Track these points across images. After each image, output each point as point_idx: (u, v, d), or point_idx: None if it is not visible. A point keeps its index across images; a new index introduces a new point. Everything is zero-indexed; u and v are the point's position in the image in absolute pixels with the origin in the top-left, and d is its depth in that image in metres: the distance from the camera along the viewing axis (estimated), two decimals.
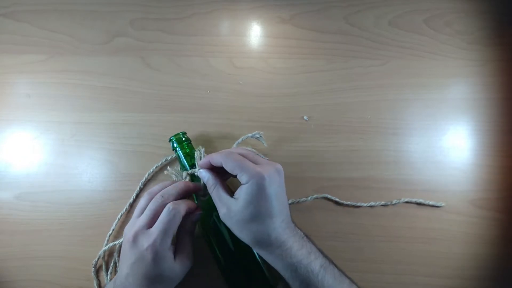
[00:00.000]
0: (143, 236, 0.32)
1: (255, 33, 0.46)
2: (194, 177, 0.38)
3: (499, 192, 0.42)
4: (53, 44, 0.45)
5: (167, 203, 0.33)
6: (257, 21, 0.46)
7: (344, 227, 0.42)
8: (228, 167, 0.32)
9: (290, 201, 0.41)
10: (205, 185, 0.35)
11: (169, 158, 0.42)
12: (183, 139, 0.39)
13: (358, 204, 0.42)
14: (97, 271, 0.41)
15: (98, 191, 0.43)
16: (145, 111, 0.44)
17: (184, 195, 0.35)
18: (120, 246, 0.40)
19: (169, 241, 0.32)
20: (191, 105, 0.44)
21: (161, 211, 0.33)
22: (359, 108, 0.44)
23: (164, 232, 0.32)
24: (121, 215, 0.41)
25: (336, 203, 0.42)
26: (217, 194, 0.33)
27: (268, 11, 0.46)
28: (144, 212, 0.34)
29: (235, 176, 0.32)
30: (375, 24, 0.45)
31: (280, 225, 0.32)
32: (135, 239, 0.32)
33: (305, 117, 0.44)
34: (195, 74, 0.45)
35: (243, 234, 0.32)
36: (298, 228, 0.35)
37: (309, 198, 0.42)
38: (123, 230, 0.38)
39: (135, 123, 0.44)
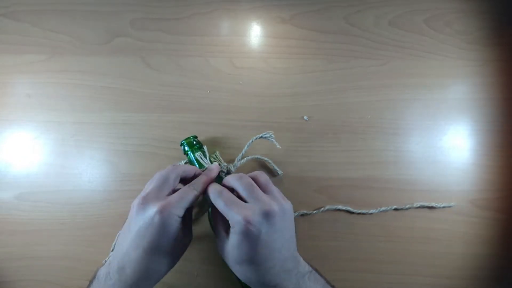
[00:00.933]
0: (156, 198, 0.30)
1: (255, 33, 0.46)
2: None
3: (499, 192, 0.42)
4: (53, 44, 0.45)
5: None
6: (257, 21, 0.46)
7: (344, 227, 0.42)
8: (219, 207, 0.31)
9: (301, 213, 0.42)
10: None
11: (183, 162, 0.42)
12: (194, 142, 0.39)
13: (370, 211, 0.42)
14: None
15: (98, 191, 0.43)
16: (145, 111, 0.44)
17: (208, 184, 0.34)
18: None
19: (181, 211, 0.30)
20: (191, 105, 0.44)
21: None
22: (359, 108, 0.44)
23: (180, 200, 0.30)
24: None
25: (348, 212, 0.42)
26: (217, 229, 0.33)
27: (268, 11, 0.46)
28: (158, 179, 0.32)
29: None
30: (375, 24, 0.45)
31: (272, 270, 0.30)
32: (145, 201, 0.30)
33: (305, 117, 0.44)
34: (195, 74, 0.45)
35: (238, 274, 0.32)
36: (306, 263, 0.33)
37: (320, 210, 0.42)
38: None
39: (135, 123, 0.44)
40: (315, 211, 0.42)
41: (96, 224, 0.42)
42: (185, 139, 0.39)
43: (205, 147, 0.40)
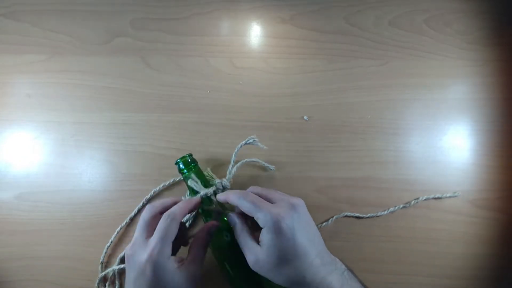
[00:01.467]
0: (141, 247, 0.31)
1: (255, 33, 0.46)
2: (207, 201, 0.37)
3: (499, 192, 0.42)
4: (53, 44, 0.45)
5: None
6: (257, 21, 0.46)
7: (345, 227, 0.42)
8: (245, 209, 0.31)
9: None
10: (216, 212, 0.35)
11: (177, 179, 0.42)
12: (189, 160, 0.38)
13: (379, 214, 0.42)
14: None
15: (98, 191, 0.43)
16: (145, 111, 0.44)
17: (188, 212, 0.34)
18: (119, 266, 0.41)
19: (167, 250, 0.30)
20: (191, 105, 0.44)
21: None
22: (359, 108, 0.44)
23: (161, 240, 0.30)
24: (120, 228, 0.41)
25: (357, 218, 0.42)
26: (244, 241, 0.32)
27: (268, 11, 0.46)
28: (140, 224, 0.32)
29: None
30: (375, 24, 0.45)
31: (313, 263, 0.30)
32: (133, 252, 0.31)
33: (305, 117, 0.44)
34: (195, 74, 0.45)
35: (277, 280, 0.30)
36: (340, 261, 0.32)
37: (329, 221, 0.41)
38: (122, 242, 0.40)
39: (135, 123, 0.44)
40: (324, 224, 0.42)
41: (96, 224, 0.42)
42: (181, 158, 0.38)
43: (199, 166, 0.39)
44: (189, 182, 0.37)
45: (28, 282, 0.41)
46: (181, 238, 0.34)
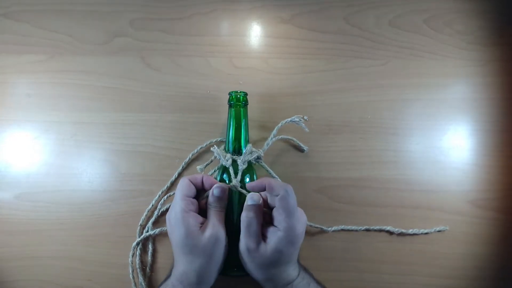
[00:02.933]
0: (170, 209, 0.35)
1: (255, 33, 0.46)
2: (234, 163, 0.37)
3: (499, 192, 0.42)
4: (53, 44, 0.45)
5: None
6: (257, 21, 0.46)
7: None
8: (282, 204, 0.32)
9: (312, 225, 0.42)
10: (224, 188, 0.36)
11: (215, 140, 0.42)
12: (241, 97, 0.38)
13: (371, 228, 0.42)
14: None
15: (98, 191, 0.43)
16: (145, 111, 0.44)
17: (198, 184, 0.36)
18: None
19: (183, 203, 0.33)
20: (191, 105, 0.44)
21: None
22: (359, 108, 0.44)
23: (178, 195, 0.34)
24: (162, 192, 0.42)
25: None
26: (255, 226, 0.33)
27: (268, 11, 0.46)
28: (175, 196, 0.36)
29: (269, 211, 0.34)
30: (375, 24, 0.45)
31: (293, 266, 0.34)
32: (168, 215, 0.35)
33: (305, 117, 0.44)
34: (195, 74, 0.45)
35: (257, 274, 0.33)
36: (305, 268, 0.36)
37: (330, 229, 0.42)
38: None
39: (135, 123, 0.44)
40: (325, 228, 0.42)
41: (96, 224, 0.42)
42: (235, 91, 0.38)
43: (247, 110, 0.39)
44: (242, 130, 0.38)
45: (28, 282, 0.41)
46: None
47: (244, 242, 0.33)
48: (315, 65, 0.45)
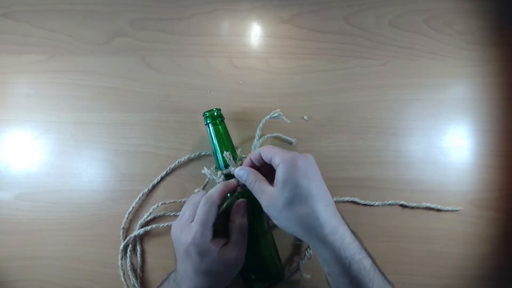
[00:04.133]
0: (186, 230, 0.33)
1: (255, 33, 0.46)
2: (228, 177, 0.38)
3: (499, 192, 0.42)
4: (53, 44, 0.45)
5: None
6: (257, 21, 0.46)
7: None
8: (264, 155, 0.32)
9: None
10: (244, 203, 0.35)
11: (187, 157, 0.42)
12: (216, 114, 0.38)
13: (376, 203, 0.42)
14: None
15: (98, 191, 0.43)
16: (145, 111, 0.44)
17: (226, 194, 0.35)
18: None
19: (208, 233, 0.32)
20: (191, 105, 0.44)
21: None
22: (359, 108, 0.44)
23: (202, 224, 0.32)
24: (142, 194, 0.42)
25: (354, 203, 0.42)
26: (259, 187, 0.32)
27: (268, 11, 0.46)
28: (187, 207, 0.34)
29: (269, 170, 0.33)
30: (375, 24, 0.45)
31: (326, 209, 0.30)
32: (180, 234, 0.33)
33: (305, 117, 0.44)
34: (195, 74, 0.45)
35: (291, 223, 0.30)
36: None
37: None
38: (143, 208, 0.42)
39: (135, 123, 0.44)
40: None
41: (96, 224, 0.42)
42: (208, 111, 0.39)
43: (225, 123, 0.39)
44: (224, 154, 0.37)
45: (28, 282, 0.41)
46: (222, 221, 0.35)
47: (262, 202, 0.32)
48: (315, 65, 0.45)
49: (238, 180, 0.35)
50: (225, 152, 0.37)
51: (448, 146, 0.43)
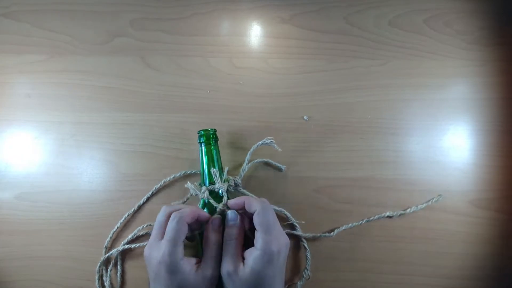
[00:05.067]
0: (154, 249, 0.32)
1: (255, 33, 0.46)
2: (212, 194, 0.37)
3: (499, 192, 0.42)
4: (53, 44, 0.45)
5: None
6: (257, 21, 0.46)
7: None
8: (258, 220, 0.32)
9: (313, 235, 0.41)
10: (219, 219, 0.35)
11: (178, 175, 0.42)
12: (211, 135, 0.38)
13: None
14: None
15: (98, 191, 0.43)
16: (145, 111, 0.44)
17: (195, 217, 0.34)
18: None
19: (179, 250, 0.31)
20: (191, 105, 0.44)
21: None
22: (359, 108, 0.44)
23: (172, 241, 0.31)
24: (128, 215, 0.42)
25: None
26: (234, 248, 0.32)
27: (268, 11, 0.46)
28: (155, 226, 0.33)
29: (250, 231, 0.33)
30: (375, 24, 0.45)
31: None
32: (149, 253, 0.32)
33: (305, 117, 0.44)
34: (195, 74, 0.45)
35: None
36: None
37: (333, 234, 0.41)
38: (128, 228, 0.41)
39: (135, 123, 0.44)
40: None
41: (96, 224, 0.42)
42: (204, 130, 0.38)
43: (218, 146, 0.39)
44: (212, 171, 0.37)
45: (28, 282, 0.41)
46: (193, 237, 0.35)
47: (224, 265, 0.32)
48: (315, 65, 0.45)
49: (217, 215, 0.35)
50: (212, 168, 0.37)
51: (448, 146, 0.43)
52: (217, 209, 0.36)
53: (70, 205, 0.43)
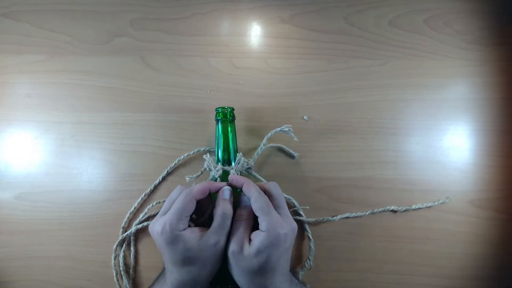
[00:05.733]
0: (158, 222, 0.32)
1: (255, 33, 0.46)
2: (224, 173, 0.37)
3: (499, 192, 0.42)
4: (53, 44, 0.45)
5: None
6: (257, 21, 0.46)
7: (344, 227, 0.42)
8: (255, 206, 0.32)
9: (316, 220, 0.42)
10: (230, 189, 0.35)
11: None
12: (228, 113, 0.38)
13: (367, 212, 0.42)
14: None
15: (98, 191, 0.43)
16: (145, 111, 0.44)
17: (207, 192, 0.34)
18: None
19: (181, 223, 0.31)
20: (191, 105, 0.44)
21: None
22: (359, 108, 0.44)
23: (175, 213, 0.31)
24: (144, 195, 0.42)
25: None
26: (243, 228, 0.32)
27: (268, 11, 0.46)
28: (165, 202, 0.34)
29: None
30: (375, 24, 0.45)
31: (280, 279, 0.32)
32: (152, 227, 0.32)
33: (305, 117, 0.44)
34: (195, 74, 0.45)
35: (242, 280, 0.32)
36: (302, 283, 0.36)
37: (335, 218, 0.41)
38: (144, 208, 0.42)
39: (135, 123, 0.44)
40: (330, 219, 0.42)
41: (96, 224, 0.42)
42: (221, 107, 0.38)
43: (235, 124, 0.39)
44: (231, 151, 0.37)
45: (28, 282, 0.41)
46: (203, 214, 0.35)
47: (230, 245, 0.32)
48: (315, 65, 0.45)
49: (226, 185, 0.35)
50: (232, 149, 0.37)
51: (448, 146, 0.43)
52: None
53: (70, 205, 0.43)
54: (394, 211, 0.42)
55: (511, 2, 0.45)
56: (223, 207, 0.33)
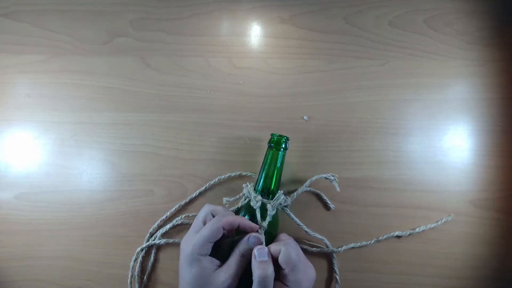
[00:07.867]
0: (188, 241, 0.33)
1: (255, 33, 0.46)
2: (262, 206, 0.36)
3: (499, 192, 0.42)
4: (53, 44, 0.45)
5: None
6: (257, 21, 0.46)
7: (343, 227, 0.42)
8: (282, 259, 0.31)
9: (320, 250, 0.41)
10: (258, 239, 0.33)
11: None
12: (281, 142, 0.37)
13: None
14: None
15: (98, 191, 0.43)
16: (145, 111, 0.44)
17: (235, 227, 0.33)
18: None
19: (205, 248, 0.32)
20: (191, 105, 0.44)
21: None
22: (359, 108, 0.44)
23: (201, 238, 0.32)
24: (179, 206, 0.42)
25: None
26: (265, 284, 0.31)
27: (268, 11, 0.46)
28: (195, 221, 0.35)
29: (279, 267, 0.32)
30: (375, 24, 0.45)
31: None
32: (183, 244, 0.34)
33: (305, 117, 0.44)
34: (195, 74, 0.45)
35: None
36: None
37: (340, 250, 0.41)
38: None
39: (135, 123, 0.44)
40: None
41: (96, 224, 0.42)
42: (278, 134, 0.37)
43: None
44: (271, 184, 0.36)
45: (28, 282, 0.41)
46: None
47: None
48: (315, 65, 0.45)
49: (258, 229, 0.34)
50: (275, 179, 0.37)
51: (448, 146, 0.43)
52: (260, 226, 0.35)
53: (70, 205, 0.43)
54: (398, 237, 0.42)
55: (511, 2, 0.45)
56: (245, 251, 0.33)
